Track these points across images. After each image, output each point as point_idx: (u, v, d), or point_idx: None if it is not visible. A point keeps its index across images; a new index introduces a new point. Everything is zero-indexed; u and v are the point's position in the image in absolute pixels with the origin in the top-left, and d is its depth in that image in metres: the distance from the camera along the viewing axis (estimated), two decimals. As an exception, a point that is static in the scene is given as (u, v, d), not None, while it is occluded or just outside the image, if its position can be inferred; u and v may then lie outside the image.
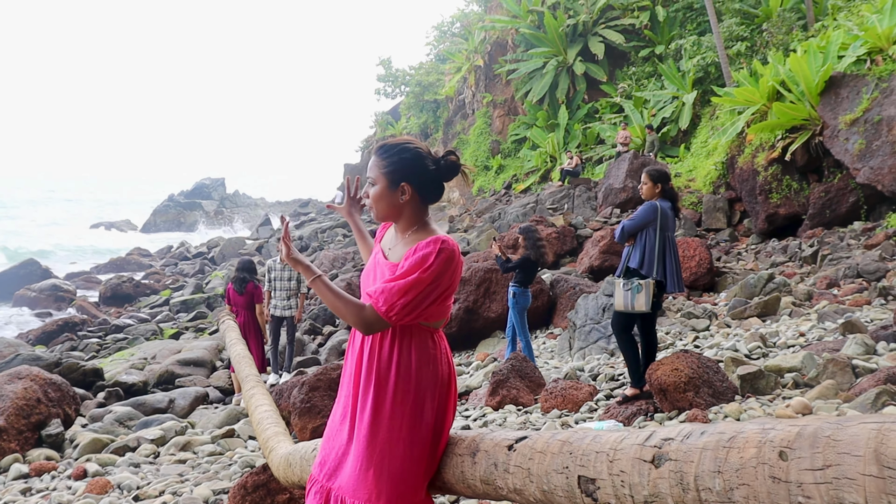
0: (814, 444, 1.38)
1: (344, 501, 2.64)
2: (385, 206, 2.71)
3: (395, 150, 2.69)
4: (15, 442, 7.74)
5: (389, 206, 2.70)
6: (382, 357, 2.63)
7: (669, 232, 6.18)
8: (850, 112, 13.13)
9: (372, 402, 2.60)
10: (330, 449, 2.78)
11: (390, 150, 2.70)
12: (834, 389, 5.55)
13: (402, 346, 2.65)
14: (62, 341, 16.82)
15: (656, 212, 6.13)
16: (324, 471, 2.76)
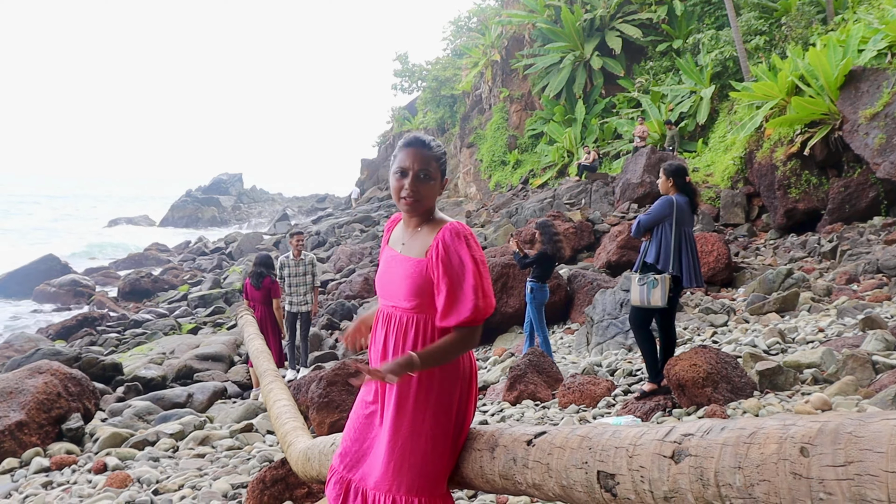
0: (835, 441, 1.38)
1: (364, 493, 2.67)
2: (432, 200, 2.72)
3: (439, 145, 2.72)
4: (36, 436, 7.80)
5: (433, 200, 2.73)
6: (407, 344, 2.65)
7: (686, 227, 6.15)
8: (871, 106, 13.02)
9: (396, 396, 2.61)
10: (352, 441, 2.79)
11: (438, 145, 2.72)
12: (854, 386, 5.52)
13: (423, 328, 2.66)
14: (81, 336, 16.94)
15: (671, 206, 6.12)
16: (344, 462, 2.78)
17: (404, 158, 2.65)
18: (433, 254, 2.60)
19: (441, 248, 2.58)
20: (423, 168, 2.64)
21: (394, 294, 2.70)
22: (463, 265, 2.57)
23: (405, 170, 2.64)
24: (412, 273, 2.64)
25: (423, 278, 2.62)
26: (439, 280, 2.58)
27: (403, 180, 2.64)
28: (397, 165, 2.68)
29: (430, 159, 2.66)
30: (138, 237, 47.88)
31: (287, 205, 63.45)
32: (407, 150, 2.66)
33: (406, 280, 2.64)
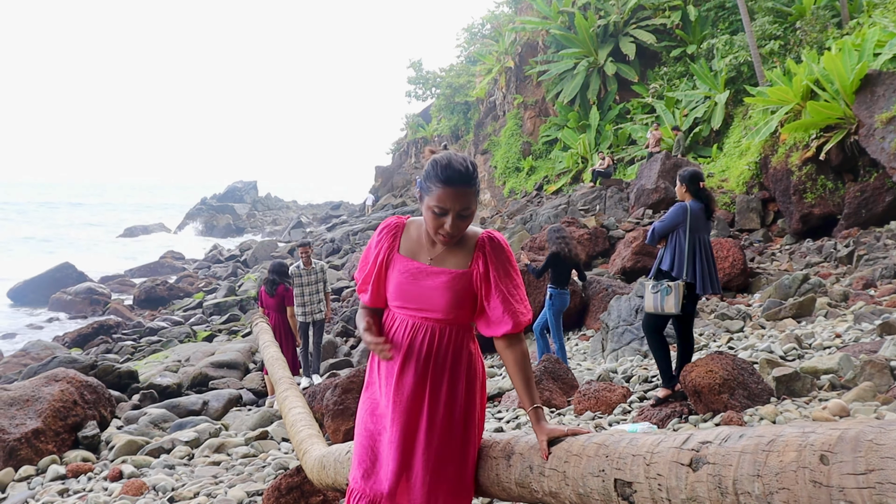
0: (856, 448, 1.36)
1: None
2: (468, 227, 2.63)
3: (475, 165, 2.56)
4: (52, 443, 7.83)
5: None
6: (441, 355, 2.61)
7: (701, 233, 6.11)
8: (887, 110, 12.94)
9: (428, 408, 2.59)
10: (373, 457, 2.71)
11: (475, 168, 2.55)
12: (872, 391, 5.48)
13: (456, 338, 2.65)
14: (97, 344, 17.03)
15: (685, 213, 6.08)
16: (370, 481, 2.70)
17: (445, 198, 2.46)
18: (480, 266, 2.57)
19: (490, 259, 2.57)
20: (465, 207, 2.48)
21: (427, 305, 2.59)
22: (510, 274, 2.58)
23: (445, 210, 2.47)
24: (454, 286, 2.57)
25: (467, 290, 2.58)
26: (490, 290, 2.56)
27: (443, 219, 2.49)
28: (437, 203, 2.47)
29: (471, 195, 2.50)
30: (154, 245, 48.08)
31: (301, 212, 63.63)
32: (448, 191, 2.45)
33: (447, 292, 2.56)
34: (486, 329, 2.62)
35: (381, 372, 2.71)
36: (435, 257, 2.62)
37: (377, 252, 2.72)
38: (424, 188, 2.54)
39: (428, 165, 2.56)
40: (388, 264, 2.70)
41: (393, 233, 2.72)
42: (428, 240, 2.65)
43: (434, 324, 2.60)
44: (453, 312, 2.58)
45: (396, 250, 2.69)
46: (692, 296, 6.10)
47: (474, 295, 2.60)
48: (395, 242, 2.71)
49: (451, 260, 2.61)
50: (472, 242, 2.60)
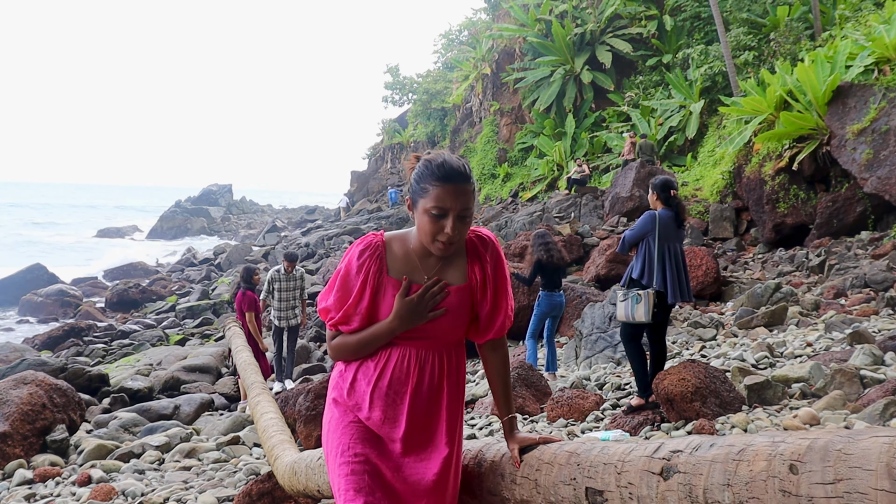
0: (825, 458, 1.37)
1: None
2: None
3: (470, 166, 2.35)
4: (20, 447, 7.74)
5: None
6: (451, 378, 2.43)
7: (671, 241, 6.09)
8: (858, 122, 13.09)
9: (447, 424, 2.38)
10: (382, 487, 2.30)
11: (471, 169, 2.34)
12: (842, 400, 5.52)
13: (459, 356, 2.49)
14: (68, 346, 16.85)
15: (654, 221, 6.07)
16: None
17: (444, 197, 2.22)
18: (476, 273, 2.40)
19: (485, 262, 2.40)
20: (465, 207, 2.24)
21: (432, 332, 2.35)
22: (502, 273, 2.42)
23: (445, 210, 2.22)
24: (458, 305, 2.37)
25: (467, 305, 2.40)
26: (486, 295, 2.40)
27: (443, 222, 2.23)
28: (434, 204, 2.22)
29: (470, 194, 2.26)
30: (127, 247, 47.70)
31: (276, 216, 63.34)
32: (447, 188, 2.22)
33: (453, 314, 2.36)
34: (476, 334, 2.47)
35: (376, 399, 2.34)
36: (431, 275, 2.37)
37: (363, 278, 2.36)
38: (417, 191, 2.28)
39: (420, 166, 2.30)
40: (377, 290, 2.37)
41: (378, 253, 2.38)
42: (420, 255, 2.38)
43: (441, 348, 2.39)
44: (457, 332, 2.41)
45: (385, 273, 2.37)
46: (664, 304, 6.09)
47: (472, 306, 2.43)
48: (382, 265, 2.38)
49: (450, 275, 2.38)
50: (462, 248, 2.41)
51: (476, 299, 2.42)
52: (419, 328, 2.34)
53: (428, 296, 2.31)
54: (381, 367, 2.36)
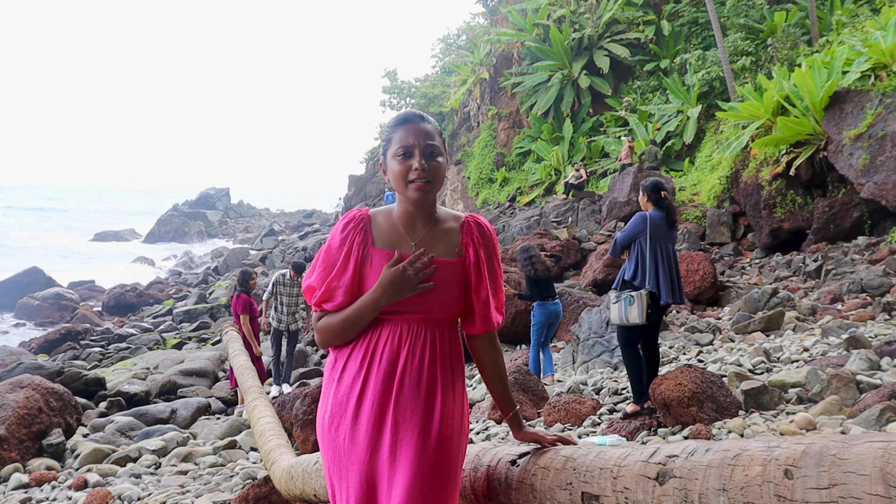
0: (819, 463, 1.37)
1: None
2: (442, 182, 2.34)
3: (434, 119, 2.35)
4: (16, 451, 7.72)
5: (443, 182, 2.35)
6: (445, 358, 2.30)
7: (663, 242, 6.11)
8: (855, 127, 13.12)
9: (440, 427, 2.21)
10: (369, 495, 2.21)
11: (433, 119, 2.34)
12: (838, 405, 5.53)
13: (453, 337, 2.35)
14: (65, 350, 16.84)
15: (645, 222, 6.10)
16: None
17: (405, 136, 2.25)
18: (471, 253, 2.30)
19: (482, 247, 2.31)
20: (429, 143, 2.25)
21: (420, 304, 2.24)
22: (495, 264, 2.35)
23: (410, 148, 2.23)
24: (447, 277, 2.27)
25: (459, 281, 2.29)
26: (481, 282, 2.30)
27: (410, 160, 2.23)
28: (398, 145, 2.25)
29: (434, 133, 2.28)
30: (124, 251, 47.68)
31: (274, 220, 63.39)
32: (406, 127, 2.27)
33: (441, 285, 2.25)
34: (469, 326, 2.37)
35: (367, 390, 2.22)
36: (417, 244, 2.28)
37: (346, 249, 2.29)
38: (385, 148, 2.33)
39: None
40: (363, 262, 2.29)
41: (361, 226, 2.33)
42: (405, 223, 2.32)
43: (432, 325, 2.27)
44: (448, 308, 2.29)
45: (371, 244, 2.31)
46: (657, 305, 6.09)
47: (465, 286, 2.31)
48: (367, 236, 2.31)
49: (438, 246, 2.30)
50: (456, 226, 2.34)
51: (470, 281, 2.31)
52: (409, 301, 2.22)
53: (417, 264, 2.19)
54: (372, 345, 2.24)
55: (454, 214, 2.38)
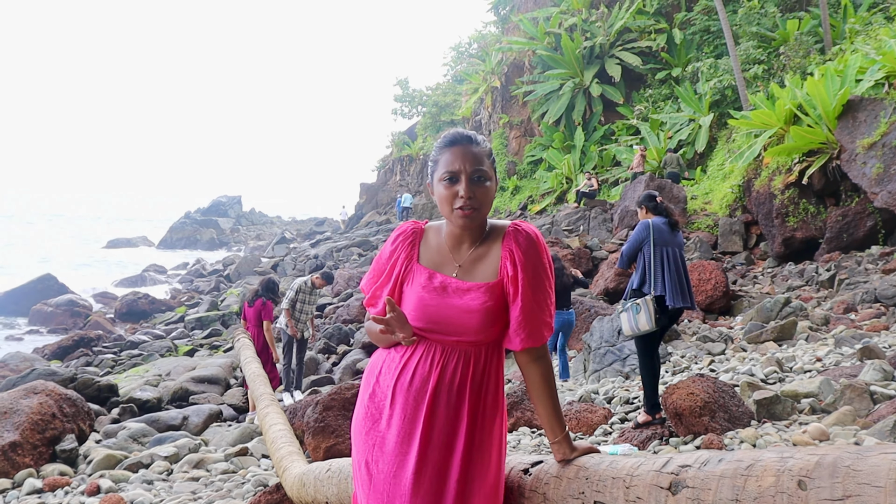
0: (833, 474, 1.37)
1: None
2: (490, 206, 2.27)
3: (486, 140, 2.31)
4: (29, 457, 7.75)
5: (491, 206, 2.27)
6: (476, 379, 2.25)
7: (667, 246, 6.11)
8: (868, 136, 13.07)
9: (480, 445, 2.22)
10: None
11: (485, 140, 2.29)
12: (851, 416, 5.50)
13: (491, 358, 2.31)
14: (77, 356, 16.90)
15: (647, 229, 6.13)
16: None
17: (452, 160, 2.20)
18: (508, 268, 2.22)
19: (520, 260, 2.21)
20: (477, 167, 2.20)
21: (457, 327, 2.22)
22: (539, 275, 2.22)
23: (456, 173, 2.19)
24: (484, 303, 2.22)
25: (500, 304, 2.24)
26: (517, 295, 2.21)
27: (456, 186, 2.19)
28: (444, 170, 2.21)
29: (482, 156, 2.22)
30: (136, 258, 47.88)
31: (286, 228, 63.47)
32: (454, 150, 2.22)
33: (477, 313, 2.21)
34: (507, 341, 2.29)
35: (395, 405, 2.25)
36: (462, 266, 2.28)
37: (393, 262, 2.36)
38: (432, 169, 2.28)
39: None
40: (406, 278, 2.34)
41: (410, 240, 2.37)
42: (451, 244, 2.32)
43: (468, 347, 2.24)
44: (486, 332, 2.24)
45: (416, 260, 2.34)
46: (665, 310, 6.06)
47: (506, 306, 2.25)
48: (413, 252, 2.35)
49: (480, 269, 2.27)
50: (499, 240, 2.27)
51: (508, 293, 2.24)
52: (440, 320, 2.23)
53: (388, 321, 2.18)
54: (405, 360, 2.27)
55: (500, 227, 2.31)
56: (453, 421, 2.20)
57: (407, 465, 2.18)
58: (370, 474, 2.25)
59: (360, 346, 14.58)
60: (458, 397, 2.21)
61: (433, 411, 2.20)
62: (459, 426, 2.20)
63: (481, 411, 2.24)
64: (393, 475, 2.19)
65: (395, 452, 2.20)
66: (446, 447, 2.18)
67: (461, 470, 2.17)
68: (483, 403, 2.25)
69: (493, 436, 2.26)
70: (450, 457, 2.18)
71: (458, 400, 2.21)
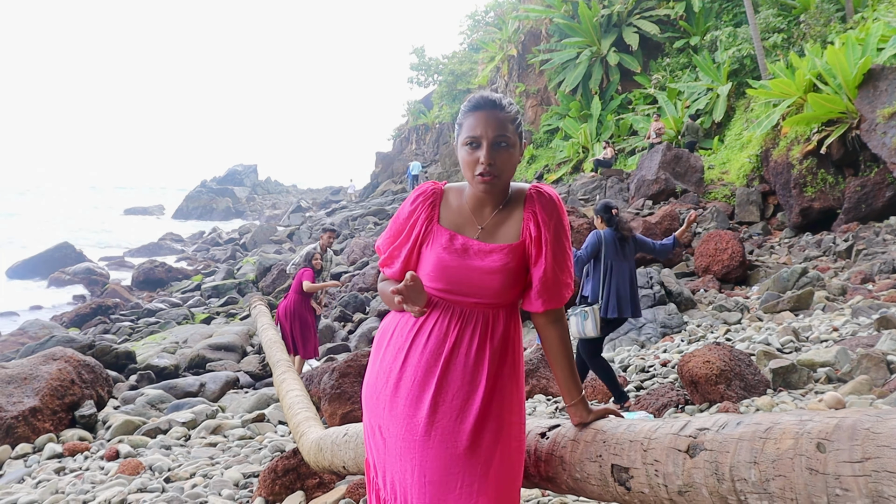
0: (853, 437, 1.37)
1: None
2: (513, 172, 2.25)
3: (512, 103, 2.26)
4: (49, 422, 7.85)
5: (514, 171, 2.26)
6: (495, 344, 2.23)
7: (614, 259, 6.43)
8: (889, 105, 12.92)
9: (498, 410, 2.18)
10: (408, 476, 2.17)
11: (511, 103, 2.25)
12: (868, 385, 5.49)
13: (510, 322, 2.29)
14: (95, 324, 17.04)
15: (599, 239, 6.47)
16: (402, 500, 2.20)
17: (475, 125, 2.18)
18: (532, 230, 2.21)
19: (543, 221, 2.21)
20: (499, 134, 2.17)
21: (477, 289, 2.22)
22: (561, 237, 2.22)
23: (478, 139, 2.17)
24: (506, 265, 2.21)
25: (521, 265, 2.24)
26: (545, 258, 2.20)
27: (477, 152, 2.17)
28: (467, 134, 2.19)
29: (506, 122, 2.18)
30: (153, 226, 48.10)
31: (301, 197, 63.58)
32: (477, 115, 2.19)
33: (499, 274, 2.21)
34: (527, 303, 2.28)
35: (406, 367, 2.23)
36: (484, 228, 2.26)
37: (413, 222, 2.33)
38: (457, 132, 2.26)
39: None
40: (425, 238, 2.32)
41: (431, 201, 2.34)
42: (473, 207, 2.29)
43: (486, 310, 2.24)
44: (507, 294, 2.24)
45: (436, 221, 2.32)
46: (610, 320, 6.44)
47: (527, 267, 2.26)
48: (433, 212, 2.33)
49: (502, 231, 2.25)
50: (520, 204, 2.26)
51: (530, 255, 2.24)
52: (461, 282, 2.22)
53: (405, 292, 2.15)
54: (420, 323, 2.25)
55: (521, 190, 2.30)
56: (469, 386, 2.17)
57: (416, 428, 2.16)
58: (384, 438, 2.25)
59: (375, 314, 14.61)
60: (476, 362, 2.19)
61: (445, 375, 2.18)
62: (476, 391, 2.16)
63: (502, 376, 2.22)
64: (402, 438, 2.18)
65: (404, 416, 2.19)
66: (460, 412, 2.15)
67: (475, 436, 2.13)
68: (503, 368, 2.22)
69: (513, 401, 2.23)
70: (462, 422, 2.14)
71: (477, 364, 2.19)
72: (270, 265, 21.65)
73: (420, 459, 2.13)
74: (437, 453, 2.12)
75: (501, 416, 2.19)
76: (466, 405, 2.15)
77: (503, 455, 2.17)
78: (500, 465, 2.15)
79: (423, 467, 2.12)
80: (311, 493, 4.73)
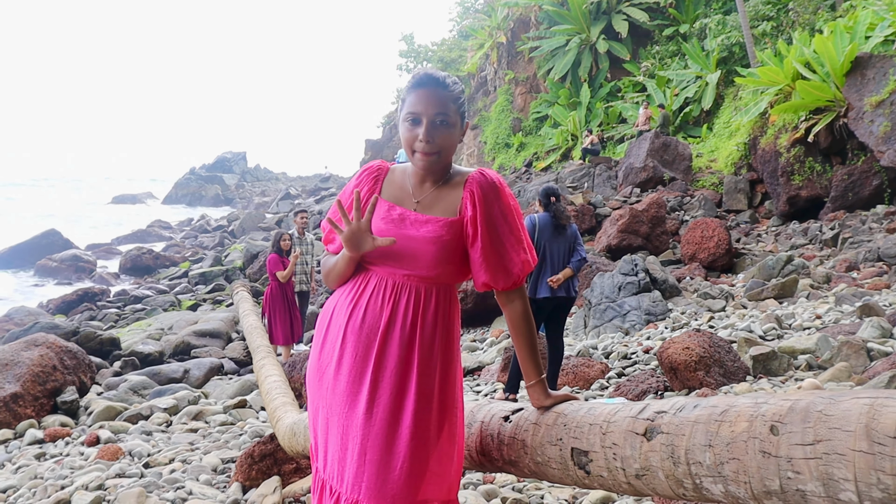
0: (805, 419, 1.35)
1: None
2: (453, 151, 2.27)
3: (456, 82, 2.28)
4: (31, 408, 7.82)
5: (454, 150, 2.28)
6: (427, 320, 2.21)
7: (547, 241, 6.49)
8: (876, 94, 12.93)
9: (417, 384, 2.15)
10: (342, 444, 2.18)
11: (455, 82, 2.27)
12: (847, 372, 5.50)
13: (442, 301, 2.26)
14: (81, 311, 16.96)
15: (533, 224, 6.50)
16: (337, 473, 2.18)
17: (415, 102, 2.20)
18: (468, 209, 2.22)
19: (479, 200, 2.21)
20: (439, 112, 2.19)
21: (409, 261, 2.21)
22: (505, 217, 2.22)
23: (418, 116, 2.19)
24: (441, 236, 2.21)
25: (456, 241, 2.22)
26: (480, 237, 2.20)
27: (417, 129, 2.19)
28: (408, 110, 2.21)
29: (447, 101, 2.20)
30: (141, 213, 47.95)
31: (290, 184, 63.38)
32: (418, 92, 2.21)
33: (433, 245, 2.20)
34: (482, 282, 2.26)
35: (346, 345, 2.22)
36: (421, 202, 2.29)
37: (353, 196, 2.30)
38: (400, 107, 2.28)
39: None
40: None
41: (375, 175, 2.40)
42: (414, 182, 2.32)
43: (419, 283, 2.22)
44: (440, 268, 2.22)
45: (378, 194, 2.34)
46: (554, 302, 6.40)
47: (464, 246, 2.25)
48: (376, 186, 2.37)
49: (439, 205, 2.27)
50: (461, 184, 2.27)
51: (467, 234, 2.24)
52: (394, 253, 2.21)
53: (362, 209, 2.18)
54: (356, 299, 2.25)
55: (464, 172, 2.31)
56: (405, 362, 2.16)
57: (357, 406, 2.15)
58: (327, 417, 2.23)
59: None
60: (409, 337, 2.18)
61: (383, 350, 2.17)
62: (411, 368, 2.17)
63: (433, 354, 2.21)
64: (345, 416, 2.16)
65: (347, 393, 2.18)
66: (399, 390, 2.14)
67: (414, 415, 2.13)
68: (434, 347, 2.21)
69: (447, 381, 2.22)
70: (402, 399, 2.14)
71: (410, 340, 2.18)
72: (258, 252, 21.57)
73: (362, 438, 2.12)
74: (378, 431, 2.11)
75: (443, 395, 2.19)
76: (404, 383, 2.15)
77: (446, 436, 2.18)
78: (440, 446, 2.16)
79: (364, 446, 2.11)
80: (288, 478, 4.71)
